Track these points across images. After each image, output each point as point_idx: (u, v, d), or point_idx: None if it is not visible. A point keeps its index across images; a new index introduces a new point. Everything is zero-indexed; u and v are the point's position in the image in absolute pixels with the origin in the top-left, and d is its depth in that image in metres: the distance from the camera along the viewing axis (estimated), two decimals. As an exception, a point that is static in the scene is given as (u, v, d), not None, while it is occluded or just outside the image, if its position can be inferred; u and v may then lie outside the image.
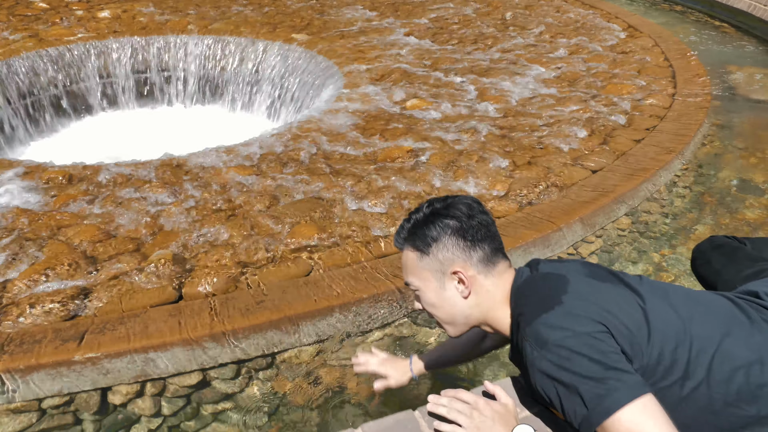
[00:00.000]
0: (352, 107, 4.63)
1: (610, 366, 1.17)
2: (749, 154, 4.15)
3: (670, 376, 1.25)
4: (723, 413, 1.26)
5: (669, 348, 1.25)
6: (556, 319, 1.25)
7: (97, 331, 2.37)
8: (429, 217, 1.45)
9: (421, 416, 1.48)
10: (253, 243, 2.96)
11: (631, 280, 1.39)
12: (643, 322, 1.27)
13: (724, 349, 1.27)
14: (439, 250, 1.43)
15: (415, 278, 1.48)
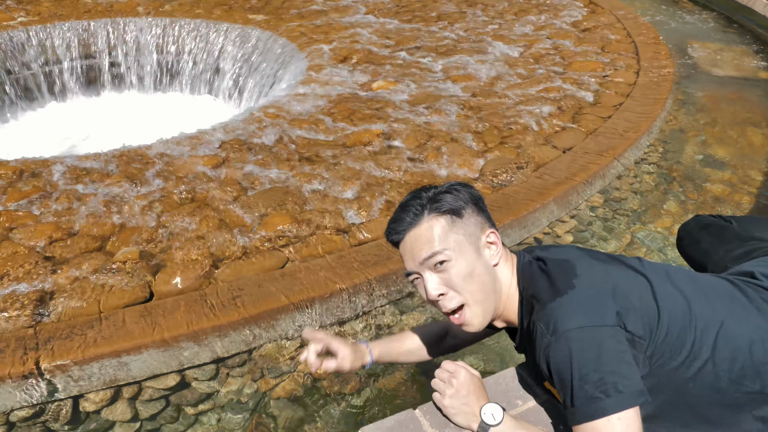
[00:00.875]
0: (317, 91, 4.51)
1: (611, 369, 1.17)
2: (712, 129, 4.24)
3: (678, 356, 1.25)
4: (728, 391, 1.27)
5: (677, 328, 1.26)
6: (569, 307, 1.23)
7: (63, 336, 2.24)
8: (442, 189, 1.39)
9: (422, 415, 1.44)
10: (223, 236, 2.85)
11: (632, 262, 1.38)
12: (653, 303, 1.26)
13: (727, 328, 1.28)
14: (470, 213, 1.37)
15: (447, 244, 1.33)
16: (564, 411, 1.25)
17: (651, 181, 3.63)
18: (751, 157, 3.83)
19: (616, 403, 1.15)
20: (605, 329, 1.19)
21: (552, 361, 1.22)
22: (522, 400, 1.49)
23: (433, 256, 1.33)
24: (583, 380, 1.17)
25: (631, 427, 1.16)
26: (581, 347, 1.18)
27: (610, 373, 1.16)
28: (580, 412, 1.18)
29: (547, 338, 1.22)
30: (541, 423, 1.43)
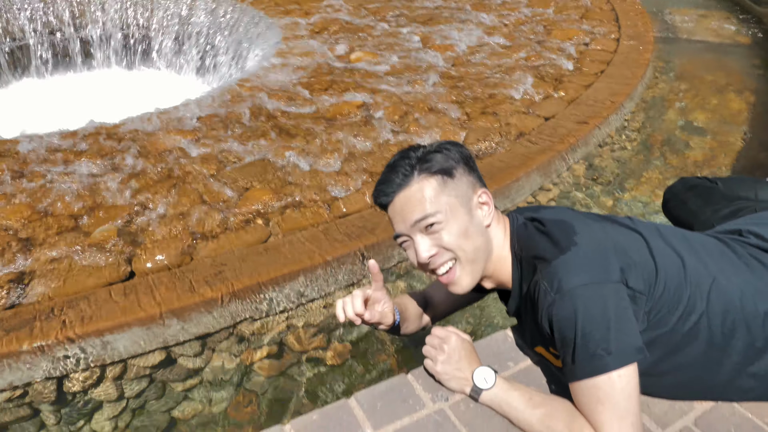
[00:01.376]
0: (293, 63, 4.41)
1: (614, 326, 1.17)
2: (692, 95, 4.25)
3: (675, 312, 1.26)
4: (721, 345, 1.28)
5: (673, 284, 1.26)
6: (573, 264, 1.22)
7: (44, 317, 2.18)
8: (432, 149, 1.36)
9: (415, 379, 1.43)
10: (203, 211, 2.79)
11: (624, 221, 1.37)
12: (650, 259, 1.27)
13: (719, 283, 1.29)
14: (461, 173, 1.34)
15: (439, 206, 1.31)
16: (562, 369, 1.25)
17: (632, 148, 3.64)
18: (731, 123, 3.86)
19: (617, 360, 1.15)
20: (609, 286, 1.19)
21: (555, 318, 1.21)
22: (514, 362, 1.49)
23: (424, 218, 1.31)
24: (586, 338, 1.16)
25: (630, 384, 1.16)
26: (586, 304, 1.18)
27: (613, 330, 1.16)
28: (581, 369, 1.18)
29: (551, 296, 1.21)
30: (533, 383, 1.43)
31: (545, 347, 1.43)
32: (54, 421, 2.09)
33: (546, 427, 1.25)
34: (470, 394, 1.37)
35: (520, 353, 1.52)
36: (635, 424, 1.16)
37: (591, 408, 1.18)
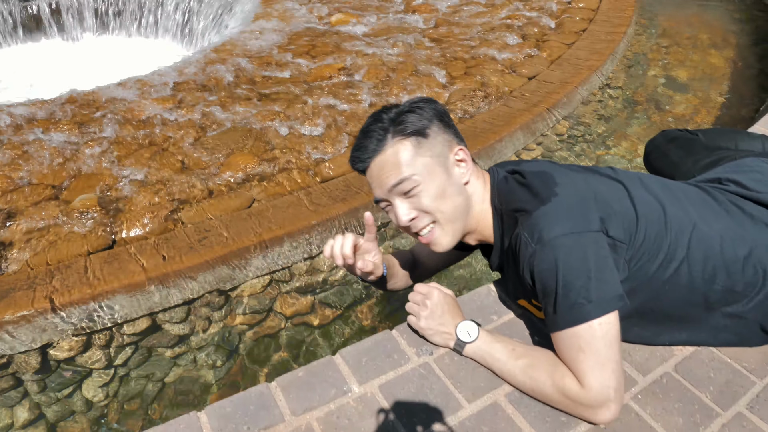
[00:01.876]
0: (272, 26, 4.32)
1: (595, 275, 1.17)
2: (674, 52, 4.24)
3: (656, 259, 1.27)
4: (702, 290, 1.30)
5: (653, 231, 1.27)
6: (554, 214, 1.21)
7: (25, 287, 2.15)
8: (405, 108, 1.33)
9: (399, 335, 1.44)
10: (185, 178, 2.76)
11: (606, 171, 1.37)
12: (631, 208, 1.27)
13: (700, 230, 1.30)
14: (436, 132, 1.31)
15: (415, 168, 1.28)
16: (545, 319, 1.26)
17: (615, 105, 3.63)
18: (712, 78, 3.86)
19: (598, 309, 1.16)
20: (589, 235, 1.19)
21: (537, 269, 1.21)
22: (497, 315, 1.50)
23: (400, 183, 1.29)
24: (567, 287, 1.17)
25: (610, 332, 1.18)
26: (567, 254, 1.18)
27: (593, 279, 1.17)
28: (563, 318, 1.19)
29: (532, 247, 1.21)
30: (516, 336, 1.44)
31: (528, 299, 1.45)
32: (38, 390, 2.09)
33: (528, 377, 1.27)
34: (454, 347, 1.38)
35: (503, 307, 1.53)
36: (616, 371, 1.18)
37: (572, 356, 1.20)
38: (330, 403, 1.27)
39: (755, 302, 1.31)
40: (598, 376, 1.17)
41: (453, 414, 1.26)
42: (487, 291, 1.56)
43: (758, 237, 1.31)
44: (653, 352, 1.42)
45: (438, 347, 1.41)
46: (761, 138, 1.80)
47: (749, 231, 1.32)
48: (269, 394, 1.28)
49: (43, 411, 2.06)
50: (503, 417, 1.26)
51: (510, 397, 1.30)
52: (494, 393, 1.30)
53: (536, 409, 1.27)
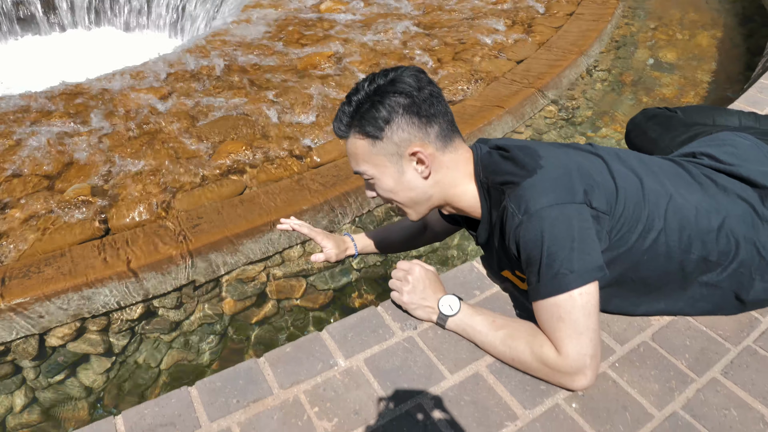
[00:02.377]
0: (262, 14, 4.33)
1: (577, 246, 1.20)
2: (661, 33, 4.25)
3: (635, 230, 1.30)
4: (679, 260, 1.33)
5: (632, 203, 1.30)
6: (539, 186, 1.24)
7: (21, 275, 2.19)
8: (374, 96, 1.29)
9: (384, 311, 1.48)
10: (177, 167, 2.79)
11: (585, 147, 1.40)
12: (610, 180, 1.30)
13: (675, 201, 1.33)
14: (393, 132, 1.29)
15: (369, 166, 1.34)
16: (527, 289, 1.28)
17: (603, 87, 3.66)
18: (699, 58, 3.88)
19: (579, 279, 1.19)
20: (574, 206, 1.22)
21: (522, 240, 1.24)
22: (480, 290, 1.54)
23: (357, 173, 1.38)
24: (551, 257, 1.20)
25: (590, 302, 1.21)
26: (552, 225, 1.20)
27: (576, 249, 1.20)
28: (545, 287, 1.22)
29: (518, 218, 1.23)
30: (498, 309, 1.48)
31: (512, 270, 1.48)
32: (34, 376, 2.13)
33: (508, 347, 1.31)
34: (437, 321, 1.42)
35: (486, 282, 1.57)
36: (593, 339, 1.22)
37: (552, 325, 1.23)
38: (317, 377, 1.31)
39: (729, 271, 1.35)
40: (576, 344, 1.21)
41: (436, 384, 1.30)
42: (470, 267, 1.60)
43: (730, 208, 1.35)
44: (631, 322, 1.46)
45: (422, 322, 1.45)
46: (738, 114, 1.83)
47: (722, 202, 1.35)
48: (258, 369, 1.32)
49: (37, 396, 2.10)
50: (484, 387, 1.30)
51: (491, 367, 1.34)
52: (476, 364, 1.34)
53: (516, 379, 1.31)
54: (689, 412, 1.26)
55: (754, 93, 2.46)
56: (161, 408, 1.22)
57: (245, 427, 1.20)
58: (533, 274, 1.24)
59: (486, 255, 1.56)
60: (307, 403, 1.25)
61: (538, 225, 1.21)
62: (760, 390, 1.30)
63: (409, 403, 1.26)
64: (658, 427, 1.23)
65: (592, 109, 3.47)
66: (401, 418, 1.23)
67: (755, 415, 1.25)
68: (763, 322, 1.46)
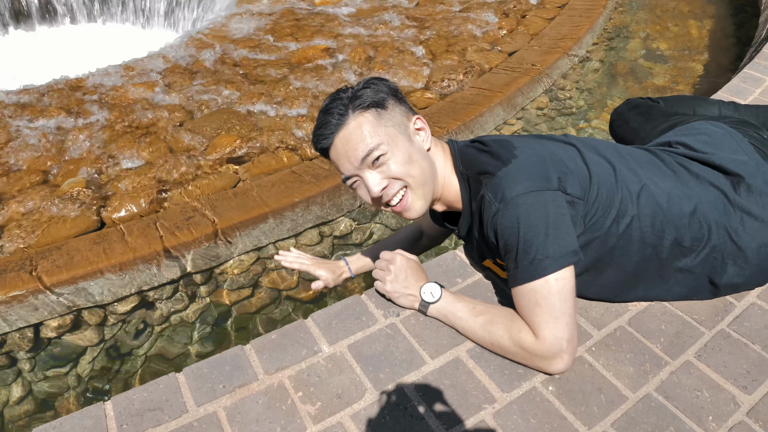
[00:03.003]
0: (257, 9, 4.35)
1: (553, 232, 1.23)
2: (653, 24, 4.27)
3: (609, 215, 1.33)
4: (653, 244, 1.37)
5: (605, 189, 1.33)
6: (514, 174, 1.27)
7: (17, 268, 2.23)
8: (363, 84, 1.38)
9: (368, 299, 1.51)
10: (172, 160, 2.82)
11: (560, 137, 1.43)
12: (584, 167, 1.33)
13: (648, 188, 1.37)
14: (393, 105, 1.37)
15: (380, 138, 1.33)
16: (507, 276, 1.32)
17: (596, 78, 3.68)
18: (691, 49, 3.90)
19: (554, 264, 1.22)
20: (548, 193, 1.25)
21: (500, 227, 1.27)
22: (462, 278, 1.57)
23: (369, 153, 1.32)
24: (527, 243, 1.23)
25: (566, 287, 1.24)
26: (528, 212, 1.23)
27: (551, 235, 1.23)
28: (522, 273, 1.25)
29: (495, 206, 1.27)
30: (479, 296, 1.52)
31: (492, 259, 1.51)
32: (30, 368, 2.17)
33: (487, 333, 1.35)
34: (419, 308, 1.45)
35: (468, 270, 1.60)
36: (569, 324, 1.25)
37: (529, 310, 1.26)
38: (301, 362, 1.35)
39: (702, 256, 1.38)
40: (552, 329, 1.24)
41: (417, 369, 1.34)
42: (452, 256, 1.64)
43: (703, 194, 1.38)
44: (609, 308, 1.49)
45: (404, 309, 1.48)
46: (718, 103, 1.86)
47: (694, 189, 1.39)
48: (243, 356, 1.36)
49: (33, 387, 2.15)
50: (464, 371, 1.34)
51: (471, 352, 1.38)
52: (456, 349, 1.38)
53: (495, 363, 1.35)
54: (662, 394, 1.30)
55: (737, 83, 2.49)
56: (149, 393, 1.26)
57: (231, 411, 1.24)
58: (511, 260, 1.28)
59: (467, 247, 1.60)
60: (292, 388, 1.29)
61: (514, 212, 1.24)
62: (732, 372, 1.34)
63: (391, 387, 1.30)
64: (632, 409, 1.26)
65: (585, 99, 3.50)
66: (383, 401, 1.27)
67: (726, 396, 1.29)
68: (737, 306, 1.49)
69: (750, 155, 1.48)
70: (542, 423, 1.23)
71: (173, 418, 1.21)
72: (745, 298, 1.52)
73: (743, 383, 1.31)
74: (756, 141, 1.54)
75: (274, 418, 1.23)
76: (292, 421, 1.23)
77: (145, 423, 1.20)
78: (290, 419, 1.23)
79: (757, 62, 2.68)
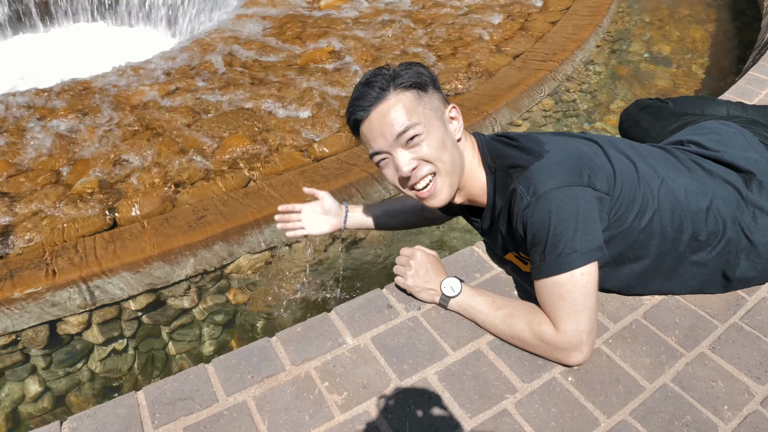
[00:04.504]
0: (262, 11, 4.39)
1: (582, 227, 1.26)
2: (656, 27, 4.32)
3: (632, 210, 1.36)
4: (672, 238, 1.40)
5: (628, 184, 1.36)
6: (547, 169, 1.29)
7: (32, 266, 2.25)
8: (406, 65, 1.38)
9: (389, 293, 1.55)
10: (182, 160, 2.85)
11: (581, 134, 1.47)
12: (608, 163, 1.37)
13: (666, 184, 1.41)
14: (432, 90, 1.38)
15: (418, 117, 1.32)
16: (530, 268, 1.34)
17: (599, 80, 3.73)
18: (694, 52, 3.96)
19: (581, 259, 1.25)
20: (579, 189, 1.27)
21: (530, 221, 1.29)
22: (480, 273, 1.61)
23: (406, 131, 1.32)
24: (556, 237, 1.25)
25: (590, 281, 1.27)
26: (559, 206, 1.26)
27: (580, 230, 1.25)
28: (549, 266, 1.27)
29: (527, 199, 1.29)
30: (497, 291, 1.55)
31: (516, 252, 1.53)
32: (46, 365, 2.19)
33: (508, 326, 1.38)
34: (439, 302, 1.48)
35: (486, 265, 1.64)
36: (591, 318, 1.28)
37: (552, 303, 1.29)
38: (327, 354, 1.38)
39: (717, 250, 1.42)
40: (574, 322, 1.27)
41: (439, 360, 1.37)
42: (470, 252, 1.67)
43: (717, 190, 1.42)
44: (624, 301, 1.53)
45: (425, 303, 1.52)
46: (726, 104, 1.90)
47: (709, 185, 1.43)
48: (270, 347, 1.39)
49: (49, 385, 2.17)
50: (485, 362, 1.37)
51: (491, 344, 1.41)
52: (477, 342, 1.42)
53: (515, 355, 1.38)
54: (678, 384, 1.33)
55: (743, 84, 2.54)
56: (180, 384, 1.29)
57: (260, 400, 1.27)
58: (538, 253, 1.30)
59: (489, 240, 1.60)
60: (318, 378, 1.32)
61: (546, 206, 1.26)
62: (745, 363, 1.38)
63: (415, 377, 1.33)
64: (649, 398, 1.30)
65: (588, 101, 3.54)
66: (407, 391, 1.30)
67: (741, 386, 1.33)
68: (749, 300, 1.53)
69: (760, 153, 1.52)
70: (563, 412, 1.27)
71: (204, 407, 1.24)
72: (757, 292, 1.55)
73: (756, 374, 1.35)
74: (766, 139, 1.59)
75: (302, 407, 1.26)
76: (320, 410, 1.26)
77: (177, 411, 1.22)
78: (318, 408, 1.26)
79: (762, 65, 2.74)
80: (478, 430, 1.23)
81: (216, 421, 1.22)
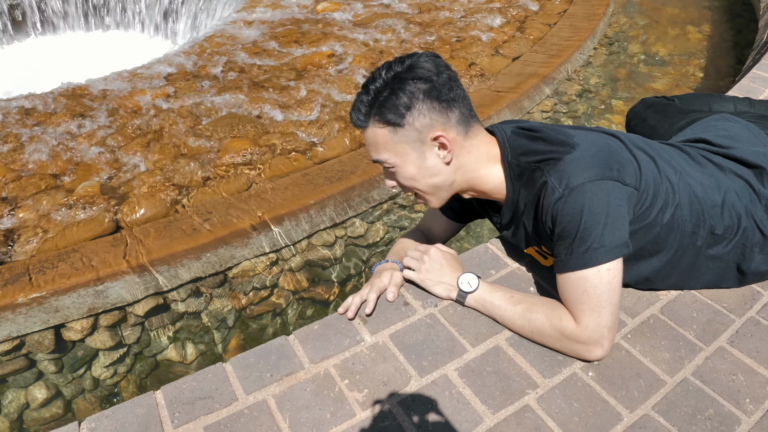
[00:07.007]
0: (260, 16, 4.38)
1: (611, 222, 1.25)
2: (652, 29, 4.36)
3: (656, 204, 1.36)
4: (691, 232, 1.40)
5: (651, 179, 1.36)
6: (579, 162, 1.28)
7: (36, 271, 2.22)
8: (392, 83, 1.28)
9: (405, 290, 1.53)
10: (184, 164, 2.83)
11: (601, 129, 1.47)
12: (632, 158, 1.36)
13: (684, 178, 1.41)
14: (415, 118, 1.28)
15: (390, 154, 1.32)
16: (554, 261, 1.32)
17: (597, 82, 3.75)
18: (690, 53, 3.99)
19: (608, 254, 1.24)
20: (610, 183, 1.26)
21: (560, 213, 1.27)
22: (495, 270, 1.60)
23: (378, 161, 1.36)
24: (586, 231, 1.24)
25: (615, 278, 1.26)
26: (592, 200, 1.24)
27: (609, 225, 1.24)
28: (576, 260, 1.26)
29: (559, 192, 1.26)
30: (513, 287, 1.54)
31: (538, 246, 1.51)
32: (53, 370, 2.16)
33: (527, 321, 1.37)
34: (456, 298, 1.47)
35: (501, 262, 1.63)
36: (613, 314, 1.27)
37: (576, 297, 1.28)
38: (345, 352, 1.37)
39: (733, 244, 1.42)
40: (596, 317, 1.26)
41: (459, 357, 1.36)
42: (484, 249, 1.66)
43: (730, 184, 1.43)
44: (640, 297, 1.53)
45: (442, 300, 1.51)
46: (732, 99, 1.92)
47: (721, 179, 1.43)
48: (288, 346, 1.38)
49: (60, 390, 2.14)
50: (505, 358, 1.36)
51: (510, 340, 1.40)
52: (495, 338, 1.41)
53: (535, 351, 1.38)
54: (699, 378, 1.33)
55: (746, 83, 2.56)
56: (198, 383, 1.27)
57: (280, 399, 1.25)
58: (565, 247, 1.28)
59: (508, 235, 1.56)
60: (338, 376, 1.31)
61: (579, 199, 1.24)
62: (765, 357, 1.38)
63: (435, 374, 1.32)
64: (671, 392, 1.29)
65: (587, 103, 3.56)
66: (428, 388, 1.28)
67: (761, 379, 1.33)
68: (764, 295, 1.53)
69: (769, 147, 1.53)
70: (585, 407, 1.26)
71: (224, 405, 1.22)
72: (771, 286, 1.56)
73: (776, 367, 1.35)
74: (774, 134, 1.59)
75: (323, 405, 1.24)
76: (341, 407, 1.24)
77: (196, 411, 1.20)
78: (339, 406, 1.24)
79: (764, 63, 2.77)
80: (502, 425, 1.22)
81: (236, 419, 1.20)
